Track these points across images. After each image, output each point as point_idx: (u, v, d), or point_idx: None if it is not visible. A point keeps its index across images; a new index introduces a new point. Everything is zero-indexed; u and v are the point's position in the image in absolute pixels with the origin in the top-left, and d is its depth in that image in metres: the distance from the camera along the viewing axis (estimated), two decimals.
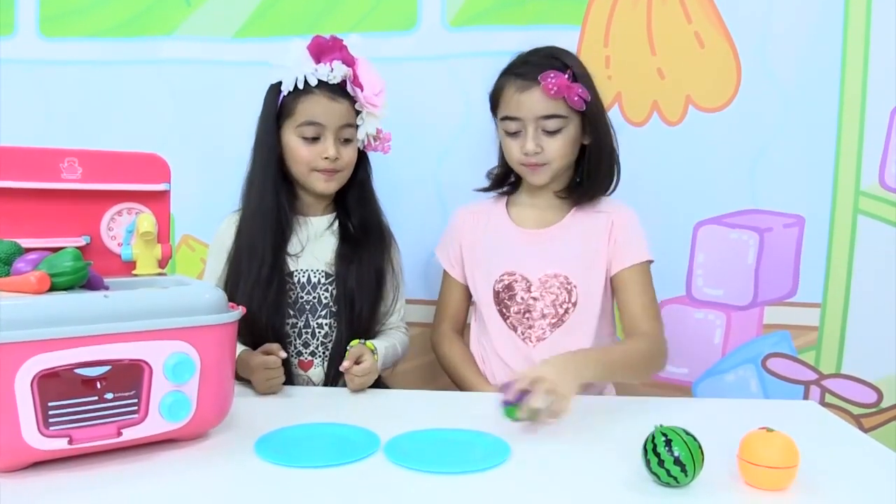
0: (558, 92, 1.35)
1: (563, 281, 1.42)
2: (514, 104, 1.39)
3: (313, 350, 1.42)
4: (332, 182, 1.41)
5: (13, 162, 1.08)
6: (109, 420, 0.93)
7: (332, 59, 1.36)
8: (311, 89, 1.36)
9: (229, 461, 0.99)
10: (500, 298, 1.46)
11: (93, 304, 0.91)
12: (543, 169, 1.41)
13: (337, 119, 1.37)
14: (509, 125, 1.41)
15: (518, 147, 1.40)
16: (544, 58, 1.40)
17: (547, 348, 1.42)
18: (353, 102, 1.39)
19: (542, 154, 1.39)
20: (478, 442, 1.06)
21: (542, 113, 1.37)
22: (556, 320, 1.42)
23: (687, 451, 0.89)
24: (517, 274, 1.45)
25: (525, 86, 1.37)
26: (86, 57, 1.87)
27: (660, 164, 1.70)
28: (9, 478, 0.91)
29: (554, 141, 1.38)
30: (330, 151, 1.37)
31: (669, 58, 1.69)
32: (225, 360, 1.03)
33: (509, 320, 1.45)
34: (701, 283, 1.74)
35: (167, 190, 1.20)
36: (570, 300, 1.42)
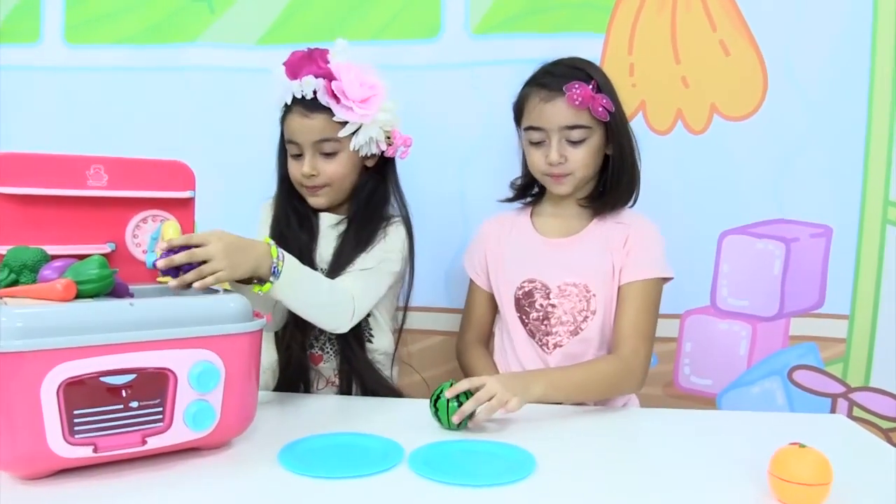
0: (582, 103, 1.34)
1: (581, 289, 1.42)
2: (538, 114, 1.39)
3: (322, 346, 1.43)
4: (319, 197, 1.41)
5: (40, 169, 1.08)
6: (134, 428, 0.93)
7: (304, 74, 1.34)
8: (291, 107, 1.38)
9: (253, 471, 0.98)
10: (521, 305, 1.46)
11: (118, 313, 0.91)
12: (567, 179, 1.41)
13: (312, 134, 1.36)
14: (533, 135, 1.41)
15: (542, 157, 1.40)
16: (568, 68, 1.41)
17: (563, 355, 1.41)
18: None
19: (565, 164, 1.39)
20: (503, 454, 1.05)
21: (566, 123, 1.37)
22: (574, 328, 1.42)
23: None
24: (537, 281, 1.45)
25: (549, 96, 1.37)
26: (110, 64, 1.88)
27: (684, 173, 1.68)
28: (34, 485, 0.91)
29: (577, 151, 1.38)
30: (304, 168, 1.37)
31: (694, 66, 1.67)
32: (249, 369, 1.02)
33: (528, 327, 1.45)
34: (726, 293, 1.72)
35: (192, 197, 1.20)
36: (589, 308, 1.41)
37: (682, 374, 1.75)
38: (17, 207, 1.07)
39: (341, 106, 1.34)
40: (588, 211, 1.47)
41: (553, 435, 1.15)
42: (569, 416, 1.26)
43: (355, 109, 1.33)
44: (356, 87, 1.34)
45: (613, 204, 1.45)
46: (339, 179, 1.40)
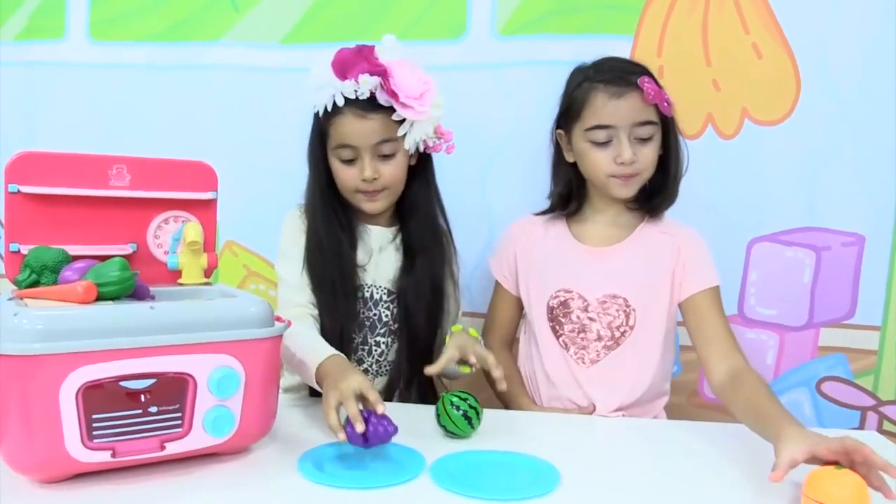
0: (654, 97, 1.30)
1: (621, 303, 1.37)
2: (609, 111, 1.31)
3: (366, 368, 1.39)
4: (376, 202, 1.35)
5: (62, 168, 1.07)
6: (153, 434, 0.91)
7: (357, 73, 1.26)
8: (341, 109, 1.28)
9: (271, 478, 0.97)
10: (555, 315, 1.41)
11: (139, 316, 0.90)
12: (635, 180, 1.35)
13: (370, 137, 1.29)
14: (598, 135, 1.33)
15: (608, 157, 1.33)
16: (627, 63, 1.37)
17: (599, 372, 1.37)
18: (391, 111, 1.29)
19: (636, 164, 1.33)
20: (526, 466, 1.02)
21: (638, 119, 1.31)
22: (612, 343, 1.38)
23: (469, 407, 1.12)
24: (574, 292, 1.40)
25: (620, 91, 1.31)
26: (133, 61, 1.88)
27: (714, 178, 1.64)
28: (51, 489, 0.90)
29: (646, 149, 1.33)
30: (366, 173, 1.30)
31: (725, 69, 1.63)
32: (270, 375, 1.01)
33: (562, 338, 1.41)
34: (754, 302, 1.68)
35: (214, 198, 1.18)
36: (628, 323, 1.37)
37: (706, 384, 1.71)
38: (39, 207, 1.06)
39: (400, 103, 1.27)
40: (634, 215, 1.41)
41: (576, 446, 1.12)
42: (591, 426, 1.23)
43: (415, 106, 1.27)
44: (412, 82, 1.27)
45: (664, 206, 1.40)
46: (397, 182, 1.35)
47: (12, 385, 0.84)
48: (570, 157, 1.41)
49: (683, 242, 1.39)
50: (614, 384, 1.37)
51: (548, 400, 1.41)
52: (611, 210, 1.42)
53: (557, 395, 1.40)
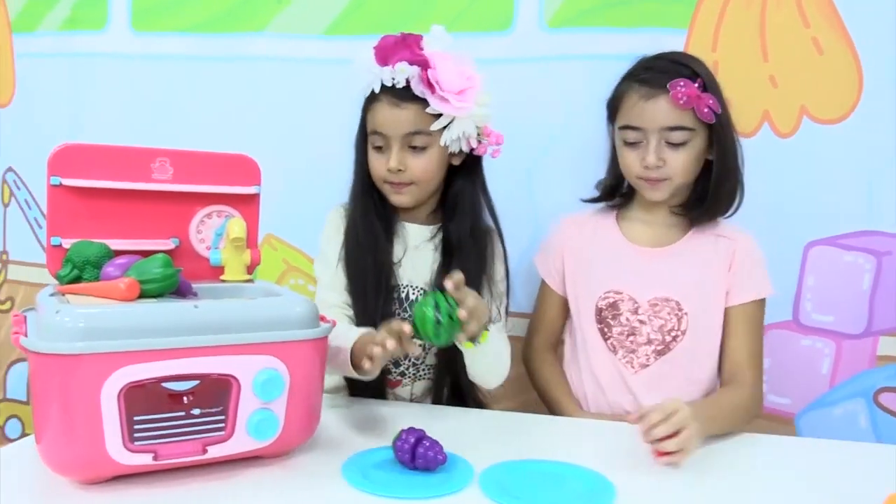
0: (687, 102, 1.24)
1: (673, 306, 1.32)
2: (637, 113, 1.28)
3: (404, 370, 1.36)
4: (402, 195, 1.30)
5: (104, 161, 1.04)
6: (195, 437, 0.89)
7: (397, 60, 1.23)
8: (377, 95, 1.26)
9: (315, 484, 0.94)
10: (603, 317, 1.37)
11: (183, 315, 0.87)
12: (664, 184, 1.31)
13: (401, 126, 1.25)
14: (629, 135, 1.30)
15: (637, 159, 1.30)
16: (672, 63, 1.30)
17: (648, 377, 1.33)
18: (427, 104, 1.24)
19: (663, 168, 1.28)
20: (579, 478, 0.98)
21: (668, 124, 1.26)
22: (662, 348, 1.33)
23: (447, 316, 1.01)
24: (624, 293, 1.35)
25: (650, 93, 1.27)
26: (175, 52, 1.86)
27: (769, 178, 1.57)
28: (89, 490, 0.87)
29: (678, 155, 1.28)
30: (391, 163, 1.26)
31: (783, 64, 1.56)
32: (314, 376, 0.97)
33: (610, 341, 1.36)
34: (810, 307, 1.61)
35: (257, 193, 1.15)
36: (680, 328, 1.32)
37: None
38: (81, 200, 1.03)
39: (436, 97, 1.22)
40: (682, 220, 1.37)
41: (630, 458, 1.07)
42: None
43: (452, 101, 1.22)
44: (454, 77, 1.23)
45: (712, 214, 1.35)
46: (426, 177, 1.29)
47: (53, 384, 0.82)
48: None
49: (739, 249, 1.34)
50: (665, 391, 1.31)
51: (595, 406, 1.37)
52: (660, 211, 1.38)
53: (606, 400, 1.35)
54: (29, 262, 2.09)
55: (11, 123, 2.04)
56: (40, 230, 2.06)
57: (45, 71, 2.00)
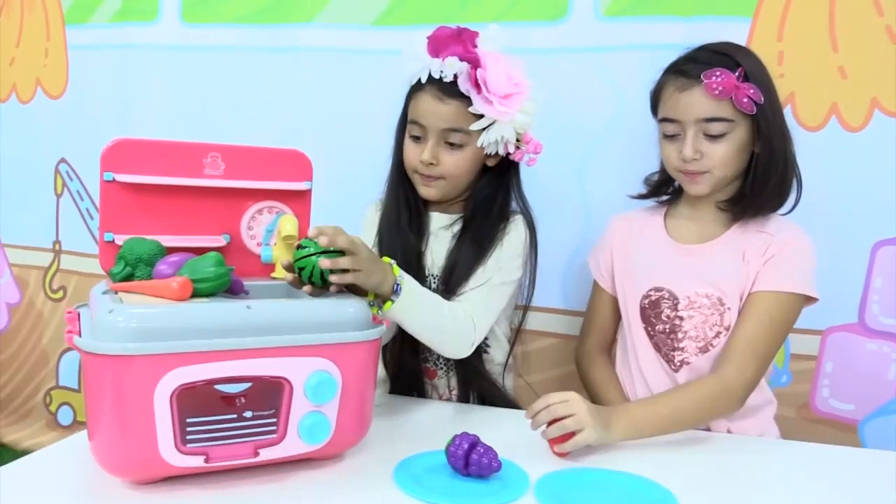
0: (723, 93, 1.19)
1: (715, 302, 1.27)
2: (673, 105, 1.24)
3: (436, 360, 1.34)
4: (430, 188, 1.28)
5: (157, 156, 1.03)
6: (247, 439, 0.87)
7: (448, 54, 1.20)
8: (423, 86, 1.24)
9: (366, 489, 0.92)
10: (647, 315, 1.33)
11: (235, 316, 0.85)
12: (704, 178, 1.26)
13: (441, 121, 1.23)
14: (668, 127, 1.27)
15: (676, 152, 1.26)
16: (713, 54, 1.25)
17: (691, 374, 1.28)
18: (471, 103, 1.21)
19: (701, 161, 1.23)
20: (639, 488, 0.94)
21: (704, 115, 1.22)
22: (704, 344, 1.28)
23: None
24: (665, 290, 1.31)
25: (685, 84, 1.22)
26: (225, 43, 1.86)
27: (836, 174, 1.51)
28: (141, 490, 0.87)
29: (717, 147, 1.23)
30: (425, 155, 1.24)
31: (854, 55, 1.49)
32: (367, 379, 0.95)
33: (654, 339, 1.32)
34: (877, 310, 1.54)
35: (309, 189, 1.13)
36: (722, 323, 1.27)
37: (819, 396, 1.59)
38: (133, 196, 1.02)
39: (481, 97, 1.20)
40: (727, 215, 1.31)
41: (691, 468, 1.03)
42: (706, 446, 1.14)
43: (495, 104, 1.19)
44: (502, 80, 1.20)
45: (757, 209, 1.28)
46: (457, 175, 1.27)
47: (106, 384, 0.81)
48: None
49: (777, 240, 1.27)
50: None
51: None
52: (705, 206, 1.32)
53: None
54: (81, 253, 2.11)
55: (64, 115, 2.06)
56: (92, 221, 2.08)
57: (97, 63, 2.01)
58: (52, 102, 2.08)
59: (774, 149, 1.25)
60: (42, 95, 2.10)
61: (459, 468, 0.94)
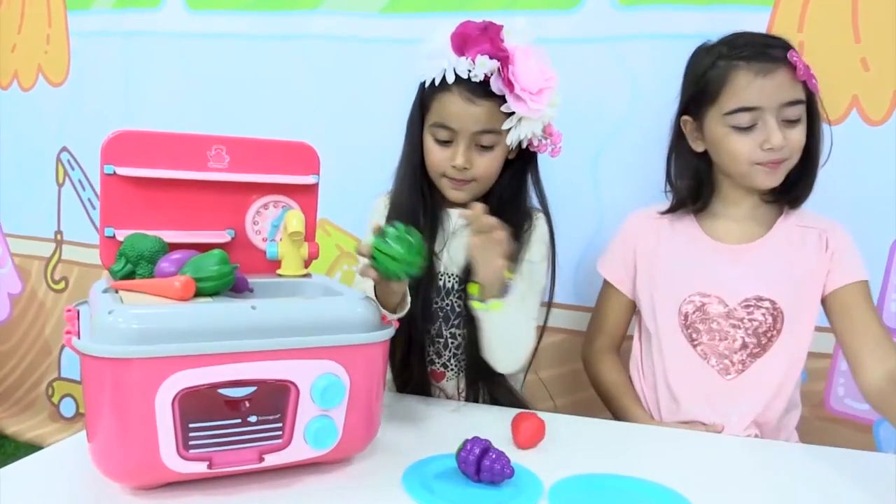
0: (804, 72, 1.16)
1: (768, 306, 1.24)
2: (755, 91, 1.17)
3: (445, 361, 1.30)
4: (461, 192, 1.24)
5: (160, 148, 1.00)
6: (252, 445, 0.84)
7: (476, 52, 1.14)
8: (449, 86, 1.17)
9: (375, 495, 0.89)
10: (690, 322, 1.27)
11: (240, 318, 0.82)
12: (782, 167, 1.21)
13: (473, 124, 1.17)
14: (741, 118, 1.18)
15: (754, 143, 1.18)
16: (765, 37, 1.22)
17: (744, 382, 1.24)
18: (502, 101, 1.16)
19: (785, 148, 1.18)
20: (656, 495, 0.91)
21: (788, 99, 1.17)
22: (759, 350, 1.24)
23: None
24: (712, 295, 1.26)
25: (768, 68, 1.16)
26: (230, 30, 1.82)
27: (856, 168, 1.47)
28: (141, 496, 0.84)
29: (795, 132, 1.19)
30: (458, 160, 1.19)
31: (877, 46, 1.45)
32: (376, 382, 0.92)
33: (700, 348, 1.27)
34: (895, 308, 1.50)
35: (316, 183, 1.10)
36: (776, 327, 1.23)
37: (834, 395, 1.55)
38: (135, 189, 0.99)
39: (514, 95, 1.14)
40: (771, 208, 1.27)
41: (708, 473, 1.00)
42: (720, 447, 1.11)
43: (528, 102, 1.14)
44: (535, 75, 1.14)
45: (804, 197, 1.26)
46: (488, 175, 1.23)
47: (105, 387, 0.78)
48: (700, 147, 1.27)
49: (831, 233, 1.25)
50: (758, 395, 1.24)
51: (668, 414, 1.29)
52: (746, 203, 1.28)
53: (678, 410, 1.27)
54: (83, 243, 2.09)
55: (66, 103, 2.03)
56: (94, 211, 2.05)
57: (99, 50, 1.98)
58: (53, 90, 2.05)
59: (820, 134, 1.23)
60: (43, 83, 2.07)
61: (471, 474, 0.91)
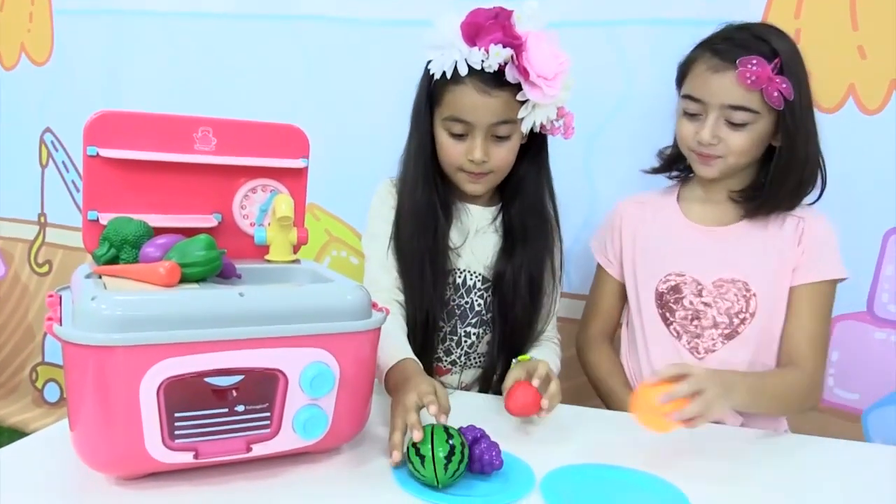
0: (755, 83, 1.14)
1: (740, 287, 1.24)
2: (701, 84, 1.19)
3: (454, 359, 1.29)
4: (478, 185, 1.21)
5: (145, 130, 0.96)
6: (239, 434, 0.82)
7: (489, 41, 1.09)
8: (461, 78, 1.12)
9: (364, 485, 0.87)
10: (665, 301, 1.28)
11: (227, 304, 0.79)
12: (716, 162, 1.22)
13: (489, 116, 1.14)
14: (690, 105, 1.22)
15: (693, 131, 1.22)
16: (753, 38, 1.19)
17: (716, 362, 1.24)
18: (517, 90, 1.12)
19: (717, 146, 1.19)
20: (649, 488, 0.91)
21: (731, 102, 1.17)
22: (730, 331, 1.24)
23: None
24: (687, 275, 1.27)
25: (719, 66, 1.17)
26: (219, 9, 1.78)
27: (850, 158, 1.45)
28: (126, 486, 0.82)
29: (736, 135, 1.18)
30: (476, 154, 1.16)
31: (874, 34, 1.43)
32: (366, 370, 0.90)
33: (673, 326, 1.28)
34: (886, 299, 1.50)
35: (305, 167, 1.07)
36: (748, 310, 1.23)
37: (825, 385, 1.55)
38: (119, 172, 0.96)
39: (529, 83, 1.10)
40: (739, 207, 1.27)
41: (702, 466, 0.99)
42: (711, 436, 1.10)
43: (544, 88, 1.11)
44: (549, 60, 1.11)
45: (771, 207, 1.25)
46: (505, 166, 1.20)
47: (88, 377, 0.75)
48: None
49: (808, 226, 1.25)
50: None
51: None
52: (718, 189, 1.29)
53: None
54: (67, 226, 2.05)
55: (49, 83, 1.99)
56: (78, 193, 2.01)
57: (84, 28, 1.93)
58: (36, 69, 2.01)
59: (797, 146, 1.20)
60: (26, 62, 2.02)
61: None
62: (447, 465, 0.84)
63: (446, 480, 0.84)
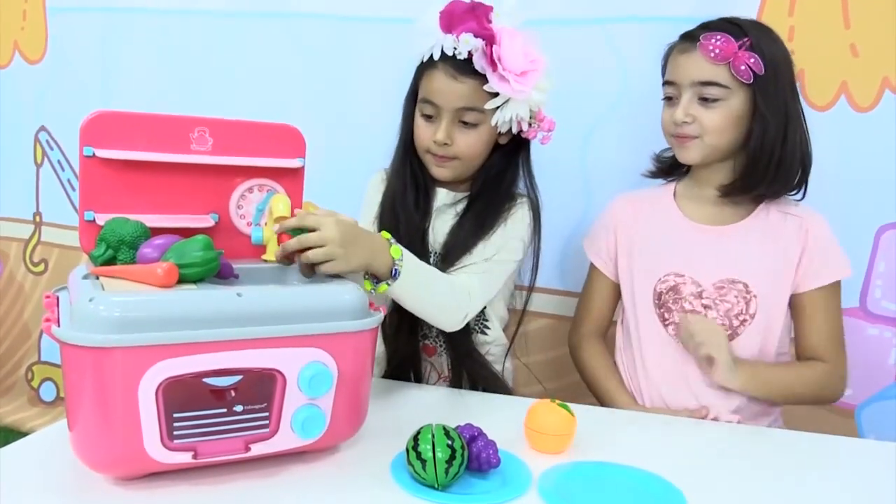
0: (719, 56, 1.17)
1: (741, 289, 1.24)
2: (673, 66, 1.25)
3: (436, 336, 1.31)
4: (444, 169, 1.24)
5: (141, 130, 0.96)
6: (237, 434, 0.83)
7: (462, 30, 1.15)
8: (435, 63, 1.18)
9: (362, 484, 0.88)
10: (663, 301, 1.28)
11: (225, 305, 0.80)
12: (694, 143, 1.23)
13: (455, 100, 1.18)
14: (667, 90, 1.27)
15: (671, 116, 1.24)
16: (724, 22, 1.23)
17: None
18: (487, 80, 1.16)
19: (692, 125, 1.21)
20: (646, 485, 0.91)
21: (699, 78, 1.20)
22: (730, 333, 1.25)
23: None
24: (686, 276, 1.27)
25: (686, 47, 1.22)
26: (214, 7, 1.78)
27: (843, 155, 1.47)
28: (125, 486, 0.82)
29: (710, 113, 1.20)
30: (439, 135, 1.20)
31: (866, 32, 1.44)
32: (364, 370, 0.91)
33: (671, 327, 1.28)
34: (879, 295, 1.51)
35: (302, 166, 1.07)
36: (748, 311, 1.24)
37: None
38: (115, 173, 0.96)
39: (496, 75, 1.15)
40: (745, 198, 1.27)
41: (699, 463, 1.00)
42: (707, 434, 1.11)
43: (511, 82, 1.15)
44: (518, 57, 1.15)
45: (750, 188, 1.24)
46: (471, 154, 1.23)
47: (86, 378, 0.76)
48: None
49: (812, 230, 1.25)
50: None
51: (650, 399, 1.29)
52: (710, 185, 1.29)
53: (660, 394, 1.27)
54: (63, 225, 2.05)
55: (44, 81, 1.99)
56: (74, 192, 2.01)
57: (78, 26, 1.93)
58: (30, 67, 2.01)
59: (769, 126, 1.20)
60: (20, 60, 2.02)
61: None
62: (448, 468, 0.84)
63: (446, 482, 0.85)
